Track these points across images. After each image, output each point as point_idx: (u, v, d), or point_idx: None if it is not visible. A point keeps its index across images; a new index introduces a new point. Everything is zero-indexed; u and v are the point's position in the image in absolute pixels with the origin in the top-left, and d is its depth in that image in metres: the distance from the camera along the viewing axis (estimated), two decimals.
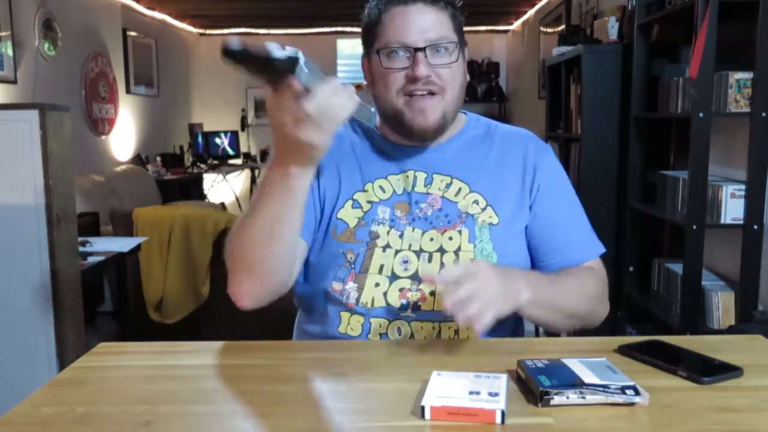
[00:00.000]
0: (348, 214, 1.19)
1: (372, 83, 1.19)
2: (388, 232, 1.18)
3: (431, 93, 1.14)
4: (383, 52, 1.14)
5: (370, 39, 1.18)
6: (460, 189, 1.21)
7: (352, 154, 1.23)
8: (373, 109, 1.00)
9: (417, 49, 1.12)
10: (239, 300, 1.10)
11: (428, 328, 1.16)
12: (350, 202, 1.20)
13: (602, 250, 1.28)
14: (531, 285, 1.04)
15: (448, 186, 1.21)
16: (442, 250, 1.17)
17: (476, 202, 1.20)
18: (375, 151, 1.24)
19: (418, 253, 1.17)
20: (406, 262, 1.17)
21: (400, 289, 1.16)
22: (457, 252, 1.17)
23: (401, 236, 1.18)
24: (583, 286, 1.19)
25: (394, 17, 1.13)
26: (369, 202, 1.19)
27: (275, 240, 1.03)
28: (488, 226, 1.19)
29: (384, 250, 1.17)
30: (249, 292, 1.09)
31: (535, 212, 1.23)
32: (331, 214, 1.20)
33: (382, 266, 1.17)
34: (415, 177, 1.21)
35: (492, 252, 1.18)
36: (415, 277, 1.17)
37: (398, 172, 1.21)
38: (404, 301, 1.16)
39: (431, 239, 1.18)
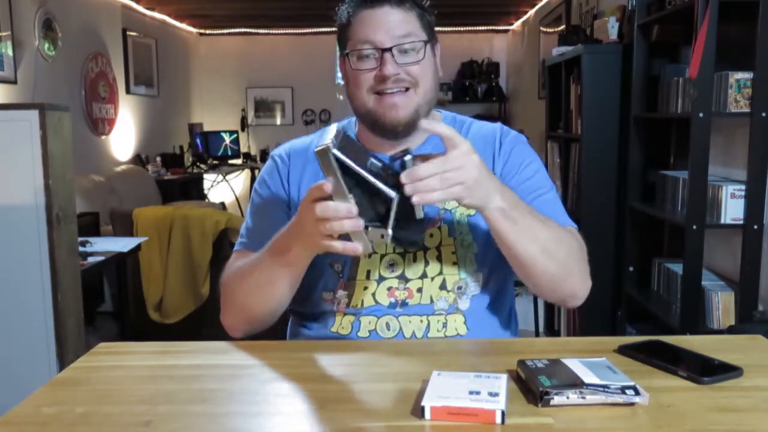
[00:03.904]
0: None
1: (347, 84, 1.22)
2: None
3: (405, 89, 1.16)
4: (353, 53, 1.17)
5: (342, 41, 1.21)
6: None
7: None
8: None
9: (384, 50, 1.14)
10: (229, 331, 1.20)
11: (416, 322, 1.19)
12: None
13: (573, 225, 1.22)
14: (507, 198, 1.02)
15: None
16: (424, 248, 1.20)
17: None
18: None
19: (403, 254, 1.20)
20: (392, 264, 1.20)
21: (388, 288, 1.19)
22: (438, 247, 1.20)
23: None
24: (561, 231, 1.13)
25: (362, 19, 1.16)
26: None
27: (268, 300, 1.13)
28: (466, 217, 1.21)
29: (369, 257, 1.19)
30: (239, 329, 1.19)
31: None
32: None
33: (369, 272, 1.20)
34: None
35: (472, 242, 1.21)
36: (402, 277, 1.19)
37: None
38: (392, 300, 1.19)
39: None
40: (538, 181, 1.24)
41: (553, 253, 1.08)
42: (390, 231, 0.93)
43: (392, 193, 0.92)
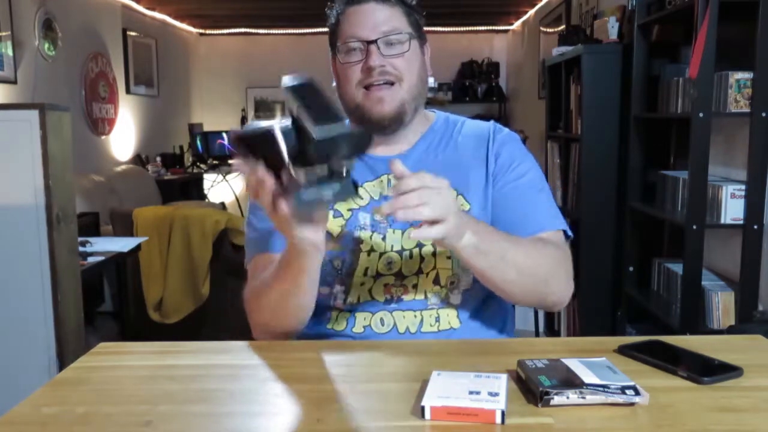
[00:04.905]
0: (331, 224, 1.22)
1: (337, 82, 1.26)
2: (371, 236, 1.21)
3: (389, 83, 1.19)
4: (341, 48, 1.22)
5: (333, 41, 1.26)
6: None
7: None
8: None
9: (369, 42, 1.18)
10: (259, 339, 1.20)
11: (410, 317, 1.20)
12: (330, 212, 1.22)
13: (563, 226, 1.23)
14: (478, 232, 1.02)
15: None
16: (420, 245, 1.21)
17: None
18: None
19: (400, 252, 1.21)
20: (390, 263, 1.21)
21: (385, 285, 1.21)
22: (434, 243, 1.20)
23: (384, 239, 1.21)
24: (539, 245, 1.14)
25: (348, 16, 1.22)
26: (349, 210, 1.23)
27: (288, 312, 1.12)
28: None
29: (369, 254, 1.21)
30: (267, 339, 1.19)
31: (493, 188, 1.24)
32: None
33: (367, 269, 1.21)
34: (389, 180, 1.24)
35: None
36: (399, 274, 1.20)
37: (373, 179, 1.25)
38: (388, 296, 1.21)
39: (410, 236, 1.20)
40: (529, 181, 1.25)
41: (531, 274, 1.10)
42: (315, 132, 0.80)
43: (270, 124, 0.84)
